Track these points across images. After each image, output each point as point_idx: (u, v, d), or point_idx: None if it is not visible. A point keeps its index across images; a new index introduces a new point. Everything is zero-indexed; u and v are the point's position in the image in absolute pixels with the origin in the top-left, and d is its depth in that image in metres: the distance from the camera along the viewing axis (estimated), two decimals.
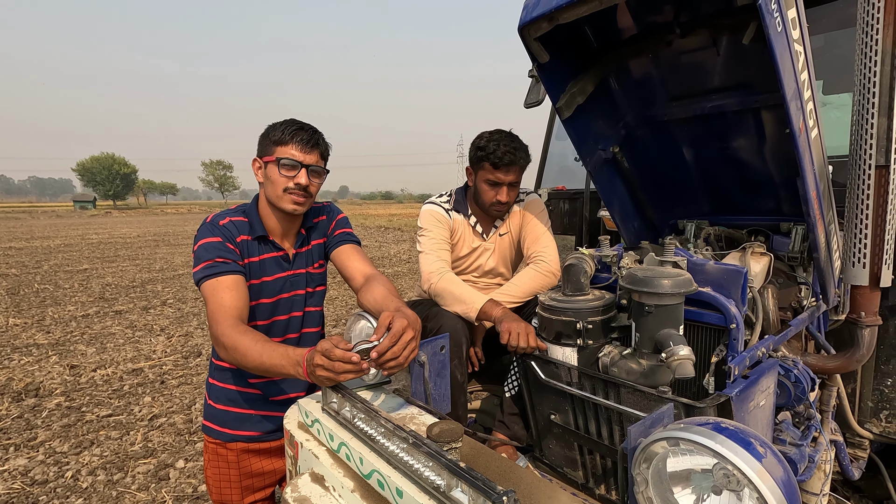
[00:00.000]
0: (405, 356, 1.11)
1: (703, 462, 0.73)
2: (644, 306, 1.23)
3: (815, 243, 1.47)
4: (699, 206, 2.10)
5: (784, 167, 1.73)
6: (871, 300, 1.46)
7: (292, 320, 1.62)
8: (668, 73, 1.73)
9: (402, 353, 1.10)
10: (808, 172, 1.32)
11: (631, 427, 0.84)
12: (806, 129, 1.28)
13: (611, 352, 1.35)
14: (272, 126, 1.49)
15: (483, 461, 1.03)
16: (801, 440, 1.41)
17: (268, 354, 1.22)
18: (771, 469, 0.63)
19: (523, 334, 1.48)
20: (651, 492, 0.76)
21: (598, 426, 1.36)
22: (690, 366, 1.11)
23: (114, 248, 15.60)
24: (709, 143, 1.85)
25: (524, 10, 1.44)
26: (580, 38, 1.70)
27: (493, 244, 2.10)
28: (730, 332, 1.26)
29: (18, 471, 2.97)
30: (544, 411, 1.52)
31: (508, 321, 1.56)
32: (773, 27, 1.10)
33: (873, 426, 1.96)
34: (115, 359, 4.97)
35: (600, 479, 1.43)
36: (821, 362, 1.56)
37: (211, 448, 1.62)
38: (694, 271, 1.35)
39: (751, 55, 1.51)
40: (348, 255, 1.65)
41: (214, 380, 1.62)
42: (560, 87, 1.71)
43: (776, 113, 1.60)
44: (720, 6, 1.46)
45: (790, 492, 0.63)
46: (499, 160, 1.86)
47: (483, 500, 0.71)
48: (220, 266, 1.41)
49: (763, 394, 1.26)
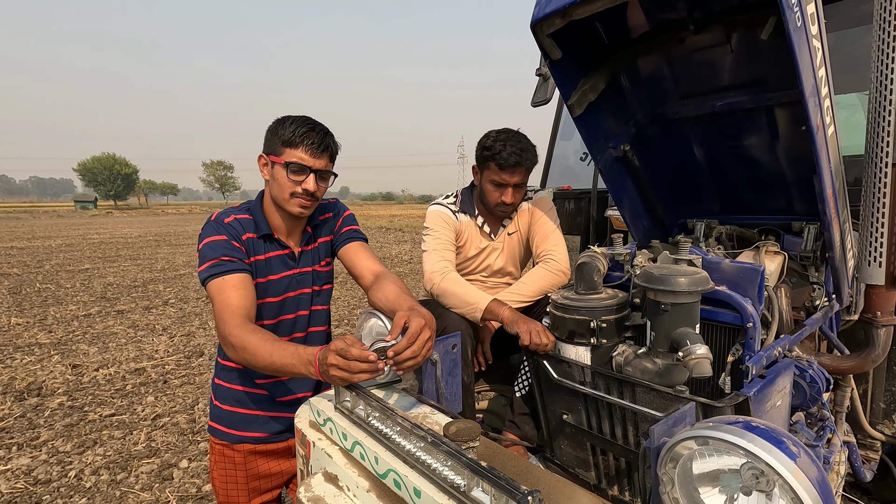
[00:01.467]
0: (423, 356, 1.10)
1: (731, 462, 0.71)
2: (660, 304, 1.21)
3: (831, 242, 1.45)
4: (709, 205, 2.08)
5: (797, 165, 1.71)
6: (887, 299, 1.44)
7: (299, 319, 1.60)
8: (681, 71, 1.72)
9: (420, 353, 1.09)
10: (825, 170, 1.30)
11: (654, 426, 0.82)
12: (823, 127, 1.27)
13: (625, 351, 1.34)
14: (281, 121, 1.44)
15: (500, 461, 1.02)
16: (815, 441, 1.40)
17: (278, 353, 1.20)
18: (805, 469, 0.62)
19: (543, 332, 1.47)
20: (678, 492, 0.75)
21: (612, 426, 1.34)
22: (708, 365, 1.10)
23: (115, 248, 15.59)
24: (720, 142, 1.83)
25: (537, 6, 1.43)
26: (592, 36, 1.69)
27: (502, 243, 2.09)
28: (746, 331, 1.24)
29: (21, 470, 2.95)
30: (556, 411, 1.50)
31: (524, 322, 1.55)
32: (793, 22, 1.08)
33: (885, 427, 1.94)
34: (117, 358, 4.96)
35: (613, 480, 1.41)
36: (835, 362, 1.54)
37: (217, 449, 1.60)
38: (709, 270, 1.34)
39: (765, 51, 1.50)
40: (356, 253, 1.63)
41: (220, 380, 1.59)
42: (572, 85, 1.70)
43: (790, 110, 1.58)
44: (735, 2, 1.45)
45: (825, 492, 0.62)
46: (504, 161, 1.83)
47: (507, 499, 0.70)
48: (226, 265, 1.38)
49: (780, 394, 1.25)
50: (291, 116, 1.45)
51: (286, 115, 1.47)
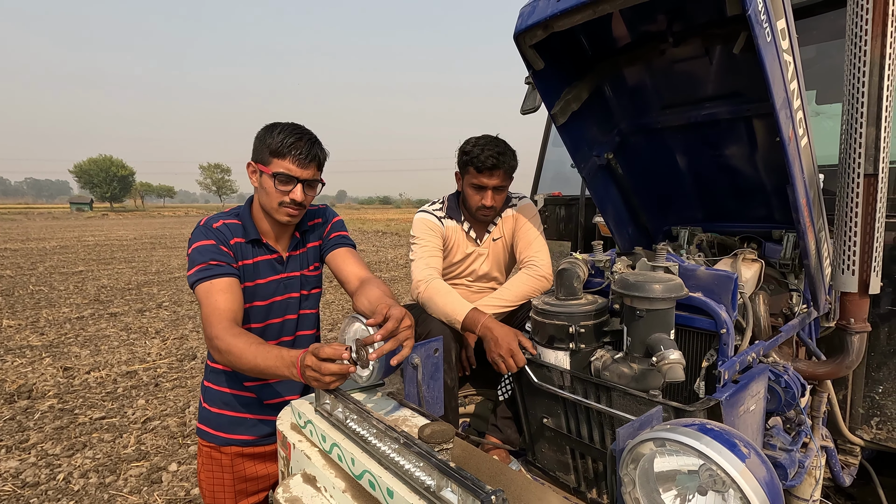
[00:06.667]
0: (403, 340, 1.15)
1: (690, 463, 0.74)
2: (635, 310, 1.24)
3: (806, 250, 1.49)
4: (692, 213, 2.12)
5: (775, 175, 1.75)
6: (860, 307, 1.47)
7: (286, 323, 1.62)
8: (662, 82, 1.76)
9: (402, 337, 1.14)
10: (797, 180, 1.34)
11: (620, 429, 0.85)
12: (796, 138, 1.30)
13: (603, 356, 1.36)
14: (269, 129, 1.44)
15: (474, 463, 1.04)
16: (791, 445, 1.42)
17: (262, 356, 1.23)
18: (754, 469, 0.65)
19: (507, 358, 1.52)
20: (638, 492, 0.77)
21: (590, 430, 1.37)
22: (681, 370, 1.12)
23: (110, 251, 15.55)
24: (701, 151, 1.87)
25: (520, 18, 1.46)
26: (575, 46, 1.72)
27: (487, 249, 2.12)
28: (720, 336, 1.27)
29: (10, 473, 2.95)
30: (537, 415, 1.52)
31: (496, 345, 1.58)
32: (763, 37, 1.12)
33: (864, 433, 1.97)
34: (109, 361, 4.95)
35: (592, 483, 1.43)
36: (811, 368, 1.57)
37: (205, 452, 1.62)
38: (685, 277, 1.37)
39: (742, 65, 1.54)
40: (343, 259, 1.65)
41: (209, 382, 1.61)
42: (555, 94, 1.73)
43: (767, 122, 1.62)
44: (712, 16, 1.49)
45: (773, 492, 0.64)
46: (482, 164, 1.87)
47: (472, 499, 0.72)
48: (215, 269, 1.41)
49: (753, 399, 1.27)
50: (280, 124, 1.46)
51: (274, 122, 1.47)
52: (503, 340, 1.55)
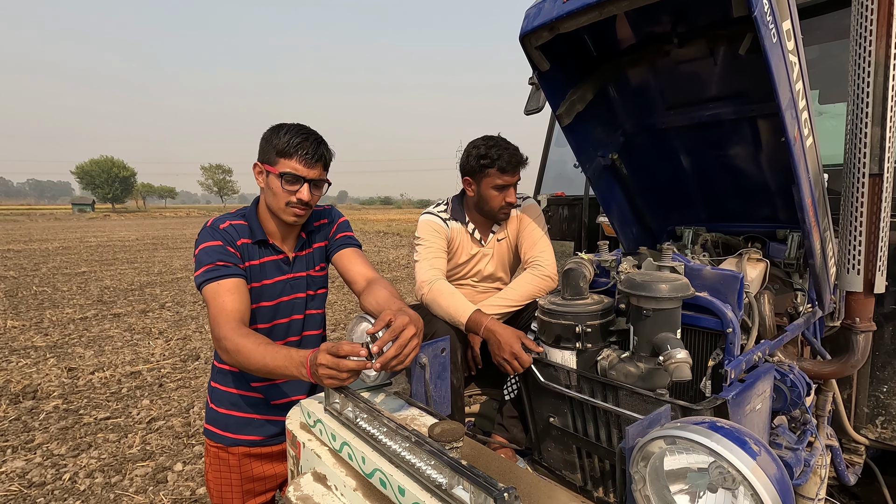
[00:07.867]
0: (406, 354, 1.13)
1: (700, 460, 0.75)
2: (642, 310, 1.25)
3: (811, 250, 1.49)
4: (696, 213, 2.12)
5: (780, 175, 1.76)
6: (865, 306, 1.48)
7: (293, 323, 1.63)
8: (666, 83, 1.76)
9: (404, 351, 1.12)
10: (803, 180, 1.34)
11: (629, 427, 0.86)
12: (801, 138, 1.31)
13: (609, 355, 1.37)
14: (276, 130, 1.45)
15: (483, 461, 1.05)
16: (796, 444, 1.43)
17: (271, 356, 1.23)
18: (765, 467, 0.65)
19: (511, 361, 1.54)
20: (648, 490, 0.78)
21: (597, 429, 1.38)
22: (687, 369, 1.13)
23: (112, 252, 15.58)
24: (705, 151, 1.88)
25: (525, 20, 1.47)
26: (580, 48, 1.73)
27: (492, 249, 2.13)
28: (726, 336, 1.28)
29: (16, 473, 2.97)
30: (543, 414, 1.53)
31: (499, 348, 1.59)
32: (769, 38, 1.13)
33: (869, 432, 1.98)
34: (113, 361, 4.97)
35: (598, 482, 1.44)
36: (816, 367, 1.58)
37: (212, 452, 1.63)
38: (691, 276, 1.38)
39: (747, 65, 1.54)
40: (350, 259, 1.66)
41: (217, 383, 1.62)
42: (560, 95, 1.74)
43: (772, 122, 1.63)
44: (717, 17, 1.49)
45: (784, 490, 0.65)
46: (507, 164, 1.90)
47: (485, 496, 0.73)
48: (222, 269, 1.41)
49: (759, 398, 1.28)
50: (286, 125, 1.47)
51: (281, 122, 1.49)
52: (506, 343, 1.56)
